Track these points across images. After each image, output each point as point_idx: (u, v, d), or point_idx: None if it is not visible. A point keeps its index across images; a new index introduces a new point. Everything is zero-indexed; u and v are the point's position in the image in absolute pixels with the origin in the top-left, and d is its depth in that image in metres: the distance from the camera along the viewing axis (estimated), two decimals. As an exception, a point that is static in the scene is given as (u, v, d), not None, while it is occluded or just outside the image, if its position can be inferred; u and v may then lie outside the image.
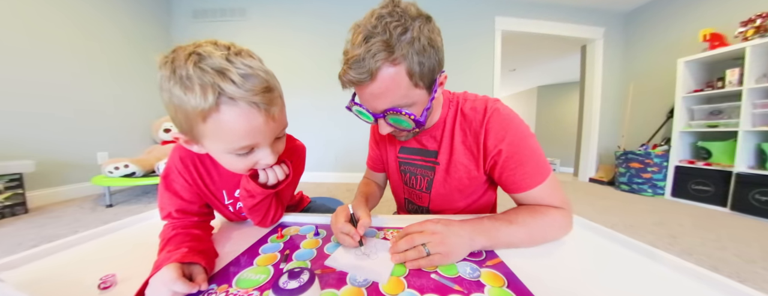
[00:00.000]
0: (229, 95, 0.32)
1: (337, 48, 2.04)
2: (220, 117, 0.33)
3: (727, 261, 1.13)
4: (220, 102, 0.32)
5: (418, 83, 0.42)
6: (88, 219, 1.53)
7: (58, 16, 1.90)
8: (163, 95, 0.34)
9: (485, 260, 0.39)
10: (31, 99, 1.77)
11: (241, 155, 0.39)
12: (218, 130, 0.34)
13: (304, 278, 0.29)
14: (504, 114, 0.51)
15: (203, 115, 0.32)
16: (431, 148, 0.59)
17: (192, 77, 0.31)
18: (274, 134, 0.40)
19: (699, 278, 0.34)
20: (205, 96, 0.31)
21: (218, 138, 0.36)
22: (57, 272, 0.37)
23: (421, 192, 0.63)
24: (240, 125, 0.34)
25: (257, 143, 0.38)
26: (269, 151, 0.40)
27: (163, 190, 0.48)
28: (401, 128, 0.49)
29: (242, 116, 0.34)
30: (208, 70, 0.31)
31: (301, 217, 0.59)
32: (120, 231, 0.53)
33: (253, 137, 0.37)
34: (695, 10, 2.41)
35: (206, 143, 0.37)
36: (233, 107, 0.33)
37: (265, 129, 0.37)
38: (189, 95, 0.31)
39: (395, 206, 0.80)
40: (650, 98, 2.76)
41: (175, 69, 0.32)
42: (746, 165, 1.84)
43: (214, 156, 0.41)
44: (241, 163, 0.40)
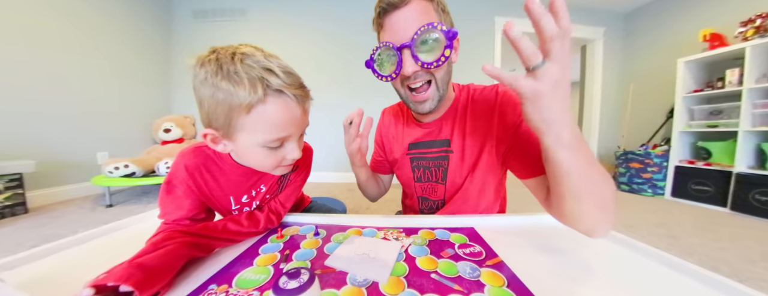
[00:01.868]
0: (275, 87, 0.36)
1: (337, 48, 2.08)
2: (266, 108, 0.37)
3: (727, 261, 1.13)
4: (267, 93, 0.36)
5: (443, 22, 0.46)
6: (88, 219, 1.53)
7: (58, 17, 1.90)
8: (203, 91, 0.37)
9: (485, 259, 0.39)
10: (31, 99, 1.77)
11: (273, 149, 0.41)
12: (260, 121, 0.37)
13: (303, 278, 0.29)
14: (515, 97, 0.51)
15: (249, 106, 0.35)
16: (443, 137, 0.59)
17: (240, 72, 0.35)
18: (302, 128, 0.43)
19: (699, 278, 0.34)
20: (254, 89, 0.35)
21: (258, 129, 0.38)
22: (57, 272, 0.37)
23: (436, 184, 0.62)
24: (282, 114, 0.38)
25: (290, 136, 0.41)
26: (296, 145, 0.43)
27: (165, 195, 0.47)
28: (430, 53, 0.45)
29: (285, 106, 0.38)
30: (254, 66, 0.36)
31: (301, 217, 0.59)
32: (120, 231, 0.53)
33: (289, 127, 0.40)
34: (695, 10, 2.42)
35: (241, 137, 0.39)
36: (278, 98, 0.37)
37: (300, 121, 0.41)
38: (238, 88, 0.35)
39: (396, 207, 0.80)
40: (650, 98, 2.76)
41: (221, 65, 0.35)
42: (746, 165, 1.84)
43: (242, 152, 0.43)
44: (271, 158, 0.42)
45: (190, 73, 0.39)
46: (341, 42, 2.79)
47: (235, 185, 0.51)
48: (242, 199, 0.53)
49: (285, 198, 0.56)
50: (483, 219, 0.54)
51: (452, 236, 0.47)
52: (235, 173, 0.50)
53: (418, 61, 0.46)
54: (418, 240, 0.45)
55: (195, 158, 0.48)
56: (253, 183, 0.53)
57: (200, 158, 0.48)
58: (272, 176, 0.53)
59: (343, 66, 2.80)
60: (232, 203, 0.52)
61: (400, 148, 0.66)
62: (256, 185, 0.53)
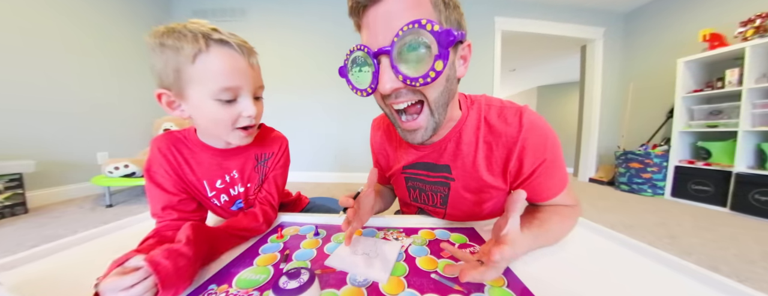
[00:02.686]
0: (216, 38, 0.40)
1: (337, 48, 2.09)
2: (208, 56, 0.39)
3: (727, 261, 1.13)
4: (209, 44, 0.39)
5: (440, 20, 0.35)
6: (88, 219, 1.53)
7: (58, 17, 1.90)
8: (154, 56, 0.40)
9: (485, 260, 0.38)
10: (31, 99, 1.77)
11: (225, 102, 0.42)
12: (206, 69, 0.39)
13: (303, 278, 0.29)
14: (540, 128, 0.44)
15: (193, 56, 0.38)
16: (443, 162, 0.50)
17: (184, 30, 0.39)
18: (253, 84, 0.45)
19: (699, 278, 0.34)
20: (196, 40, 0.38)
21: (205, 78, 0.40)
22: (57, 272, 0.37)
23: (434, 208, 0.56)
24: (226, 62, 0.40)
25: (240, 88, 0.42)
26: (251, 101, 0.44)
27: (148, 184, 0.48)
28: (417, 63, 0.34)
29: (228, 55, 0.41)
30: (199, 27, 0.40)
31: (300, 217, 0.59)
32: (120, 231, 0.53)
33: (237, 77, 0.42)
34: (695, 10, 2.42)
35: (191, 92, 0.41)
36: (221, 47, 0.40)
37: (248, 73, 0.43)
38: (182, 41, 0.38)
39: (396, 207, 0.79)
40: (650, 98, 2.76)
41: (170, 28, 0.39)
42: (746, 165, 1.84)
43: (197, 112, 0.44)
44: (224, 112, 0.43)
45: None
46: (341, 42, 2.79)
47: (206, 168, 0.52)
48: (216, 184, 0.53)
49: (274, 189, 0.56)
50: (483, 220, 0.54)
51: (452, 236, 0.47)
52: (204, 154, 0.51)
53: (399, 75, 0.35)
54: (418, 240, 0.45)
55: (166, 140, 0.50)
56: (225, 167, 0.53)
57: (170, 140, 0.51)
58: (242, 158, 0.54)
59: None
60: (207, 188, 0.52)
61: (395, 165, 0.58)
62: (228, 169, 0.53)
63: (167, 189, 0.48)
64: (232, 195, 0.55)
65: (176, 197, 0.48)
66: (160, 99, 0.43)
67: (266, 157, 0.57)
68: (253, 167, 0.55)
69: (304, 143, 2.86)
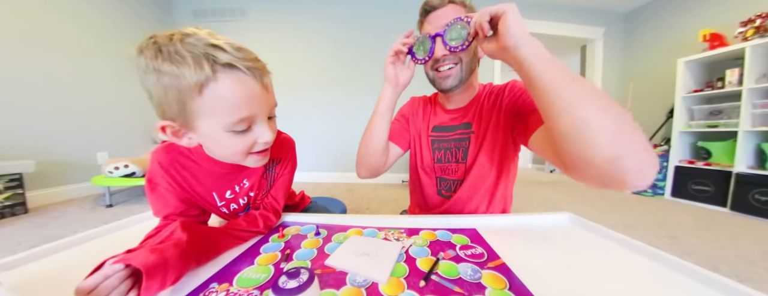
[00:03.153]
0: (224, 61, 0.32)
1: (337, 48, 2.07)
2: (218, 86, 0.33)
3: (727, 261, 1.13)
4: (216, 70, 0.32)
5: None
6: (88, 219, 1.53)
7: (58, 17, 1.90)
8: (148, 81, 0.33)
9: (487, 261, 0.38)
10: (31, 99, 1.77)
11: (239, 133, 0.38)
12: (216, 101, 0.34)
13: (303, 278, 0.29)
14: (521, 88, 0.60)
15: (199, 86, 0.32)
16: (466, 121, 0.67)
17: (181, 52, 0.31)
18: (268, 107, 0.40)
19: (699, 278, 0.34)
20: (200, 66, 0.31)
21: (216, 111, 0.35)
22: (57, 272, 0.37)
23: (456, 164, 0.67)
24: (238, 91, 0.34)
25: (255, 116, 0.38)
26: (266, 127, 0.40)
27: (150, 195, 0.46)
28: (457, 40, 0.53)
29: (240, 82, 0.34)
30: (197, 43, 0.32)
31: (301, 217, 0.59)
32: (120, 231, 0.53)
33: (251, 106, 0.37)
34: (695, 10, 2.42)
35: (200, 124, 0.36)
36: (230, 73, 0.33)
37: (262, 99, 0.38)
38: (182, 67, 0.31)
39: (397, 207, 0.80)
40: (650, 98, 2.76)
41: (160, 48, 0.32)
42: (746, 165, 1.84)
43: (208, 142, 0.40)
44: (240, 143, 0.39)
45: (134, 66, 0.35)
46: (341, 42, 2.79)
47: (214, 180, 0.49)
48: (226, 195, 0.51)
49: (276, 192, 0.55)
50: (485, 220, 0.55)
51: (454, 237, 0.47)
52: (213, 167, 0.48)
53: (446, 46, 0.54)
54: (419, 240, 0.45)
55: (167, 155, 0.46)
56: (235, 178, 0.51)
57: (172, 154, 0.46)
58: (255, 169, 0.51)
59: (343, 66, 2.80)
60: (217, 199, 0.51)
61: (424, 127, 0.73)
62: (238, 180, 0.51)
63: (170, 201, 0.46)
64: (241, 205, 0.55)
65: (179, 208, 0.47)
66: (165, 131, 0.38)
67: (275, 163, 0.56)
68: (262, 175, 0.54)
69: (305, 143, 2.86)
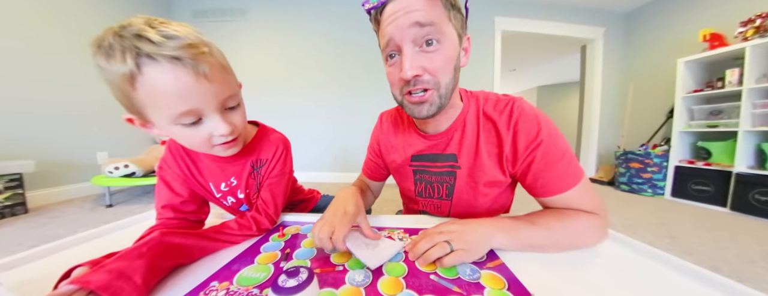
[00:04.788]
0: (146, 53, 0.31)
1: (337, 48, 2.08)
2: (145, 79, 0.32)
3: (727, 261, 1.13)
4: (140, 63, 0.31)
5: (451, 18, 0.41)
6: (88, 219, 1.53)
7: (57, 17, 1.90)
8: (101, 77, 0.34)
9: (486, 261, 0.38)
10: (31, 99, 1.77)
11: (189, 126, 0.37)
12: (149, 95, 0.33)
13: (302, 277, 0.29)
14: (532, 114, 0.46)
15: (130, 81, 0.32)
16: (449, 151, 0.53)
17: (113, 45, 0.31)
18: (216, 99, 0.37)
19: (699, 278, 0.34)
20: (124, 59, 0.31)
21: (154, 105, 0.34)
22: (57, 272, 0.37)
23: (439, 200, 0.57)
24: (167, 84, 0.33)
25: (199, 110, 0.36)
26: (220, 119, 0.38)
27: (157, 181, 0.50)
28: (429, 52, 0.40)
29: (166, 74, 0.32)
30: (127, 35, 0.32)
31: (301, 217, 0.59)
32: (120, 231, 0.53)
33: (188, 99, 0.35)
34: (695, 10, 2.41)
35: (152, 117, 0.36)
36: (155, 65, 0.32)
37: (200, 90, 0.35)
38: (111, 62, 0.31)
39: (396, 207, 0.79)
40: (650, 98, 2.76)
41: (99, 43, 0.32)
42: (746, 165, 1.84)
43: (167, 133, 0.39)
44: (195, 136, 0.39)
45: None
46: (341, 42, 2.79)
47: (210, 171, 0.52)
48: (221, 187, 0.54)
49: (269, 198, 0.52)
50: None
51: (452, 236, 0.47)
52: (206, 158, 0.51)
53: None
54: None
55: (177, 142, 0.50)
56: (223, 173, 0.53)
57: None
58: (238, 166, 0.53)
59: (343, 66, 2.80)
60: (214, 190, 0.54)
61: (402, 157, 0.60)
62: (227, 176, 0.54)
63: (174, 188, 0.50)
64: (238, 198, 0.56)
65: (179, 198, 0.50)
66: (134, 123, 0.39)
67: (261, 164, 0.54)
68: (250, 174, 0.54)
69: (305, 143, 2.86)
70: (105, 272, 0.29)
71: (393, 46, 0.42)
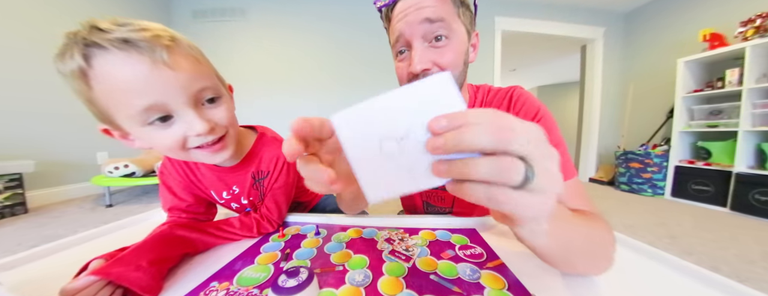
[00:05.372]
0: (93, 41, 0.28)
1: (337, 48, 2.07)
2: (96, 74, 0.28)
3: (727, 261, 1.13)
4: (89, 54, 0.28)
5: (460, 15, 0.41)
6: (88, 219, 1.53)
7: (57, 16, 1.90)
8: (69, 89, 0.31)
9: (486, 261, 0.38)
10: (31, 99, 1.77)
11: (159, 125, 0.32)
12: (106, 93, 0.30)
13: (302, 277, 0.29)
14: (531, 98, 0.47)
15: (83, 78, 0.29)
16: None
17: (66, 43, 0.29)
18: (186, 91, 0.32)
19: (699, 278, 0.34)
20: (72, 55, 0.28)
21: (115, 105, 0.30)
22: (57, 272, 0.37)
23: (443, 191, 0.57)
24: (120, 74, 0.28)
25: (163, 104, 0.31)
26: (194, 114, 0.33)
27: (160, 184, 0.50)
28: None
29: (117, 63, 0.28)
30: (80, 31, 0.29)
31: (301, 217, 0.59)
32: (120, 231, 0.53)
33: (147, 91, 0.30)
34: (695, 10, 2.41)
35: (120, 121, 0.32)
36: (105, 55, 0.28)
37: (161, 79, 0.30)
38: (64, 61, 0.29)
39: (396, 207, 0.79)
40: (650, 98, 2.76)
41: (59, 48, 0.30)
42: (746, 165, 1.84)
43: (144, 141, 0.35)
44: (167, 138, 0.33)
45: None
46: (342, 42, 2.79)
47: (210, 181, 0.51)
48: (223, 195, 0.53)
49: (273, 206, 0.52)
50: (485, 220, 0.54)
51: (453, 237, 0.47)
52: (205, 168, 0.50)
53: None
54: (419, 240, 0.45)
55: None
56: (225, 183, 0.52)
57: None
58: (239, 176, 0.52)
59: (343, 66, 2.80)
60: (216, 196, 0.54)
61: None
62: (228, 186, 0.52)
63: (177, 194, 0.50)
64: (242, 204, 0.56)
65: (184, 202, 0.51)
66: (112, 135, 0.35)
67: (262, 176, 0.53)
68: (251, 185, 0.54)
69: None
70: (122, 263, 0.31)
71: (403, 42, 0.42)
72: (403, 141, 0.18)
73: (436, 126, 0.17)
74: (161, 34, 0.31)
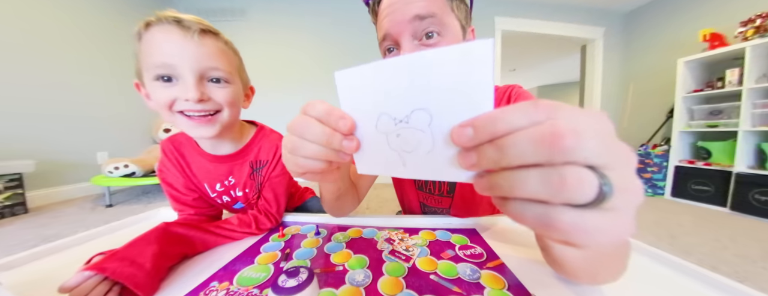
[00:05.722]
0: (157, 17, 0.39)
1: (337, 48, 2.08)
2: (147, 34, 0.39)
3: (727, 261, 1.13)
4: (151, 23, 0.39)
5: (454, 8, 0.37)
6: (88, 219, 1.53)
7: (58, 16, 1.90)
8: None
9: (486, 261, 0.38)
10: (31, 99, 1.77)
11: (164, 83, 0.40)
12: (145, 47, 0.40)
13: (302, 277, 0.29)
14: (529, 94, 0.46)
15: (139, 35, 0.40)
16: None
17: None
18: (197, 62, 0.40)
19: (699, 278, 0.34)
20: (142, 22, 0.40)
21: (145, 58, 0.40)
22: (57, 272, 0.37)
23: (440, 196, 0.56)
24: (161, 38, 0.39)
25: (172, 65, 0.39)
26: (192, 83, 0.40)
27: (162, 184, 0.52)
28: None
29: (161, 31, 0.39)
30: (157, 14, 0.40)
31: (301, 217, 0.59)
32: (120, 231, 0.53)
33: (167, 52, 0.39)
34: (695, 10, 2.41)
35: (144, 75, 0.41)
36: (158, 25, 0.39)
37: (182, 46, 0.39)
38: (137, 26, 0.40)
39: (396, 207, 0.79)
40: (650, 98, 2.76)
41: None
42: (746, 165, 1.84)
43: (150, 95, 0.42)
44: (164, 94, 0.40)
45: None
46: (342, 42, 2.79)
47: (204, 172, 0.53)
48: (216, 187, 0.55)
49: (271, 197, 0.53)
50: (485, 220, 0.54)
51: (453, 237, 0.47)
52: (201, 158, 0.53)
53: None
54: (419, 240, 0.45)
55: (170, 143, 0.53)
56: (220, 173, 0.54)
57: (174, 143, 0.53)
58: (236, 165, 0.54)
59: (343, 66, 2.79)
60: (209, 190, 0.55)
61: None
62: (224, 175, 0.54)
63: (178, 189, 0.51)
64: (233, 196, 0.57)
65: (188, 196, 0.52)
66: (139, 89, 0.45)
67: (261, 165, 0.55)
68: (249, 175, 0.55)
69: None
70: (117, 259, 0.32)
71: (390, 41, 0.38)
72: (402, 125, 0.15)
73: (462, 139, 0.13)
74: (204, 22, 0.42)
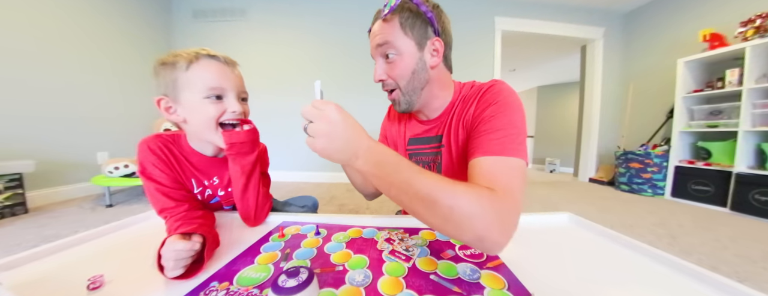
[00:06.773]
0: (204, 54, 0.51)
1: (337, 48, 2.08)
2: (198, 65, 0.50)
3: (727, 261, 1.13)
4: (200, 57, 0.50)
5: (407, 33, 0.50)
6: (88, 219, 1.53)
7: (58, 17, 1.90)
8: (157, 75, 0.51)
9: (486, 261, 0.39)
10: (32, 99, 1.76)
11: (214, 100, 0.51)
12: (197, 74, 0.49)
13: (302, 277, 0.29)
14: (499, 88, 0.50)
15: (188, 65, 0.49)
16: (436, 134, 0.61)
17: (179, 53, 0.50)
18: (237, 87, 0.53)
19: (699, 278, 0.34)
20: (188, 55, 0.50)
21: (196, 80, 0.49)
22: (57, 272, 0.37)
23: None
24: (212, 68, 0.51)
25: (225, 88, 0.51)
26: (235, 100, 0.53)
27: (145, 183, 0.51)
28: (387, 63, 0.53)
29: (213, 64, 0.51)
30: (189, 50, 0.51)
31: (302, 217, 0.59)
32: (120, 231, 0.53)
33: (222, 80, 0.51)
34: (695, 10, 2.42)
35: (186, 95, 0.50)
36: (207, 59, 0.51)
37: (231, 77, 0.53)
38: (178, 59, 0.49)
39: (396, 207, 0.79)
40: (650, 98, 2.76)
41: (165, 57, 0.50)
42: (746, 165, 1.84)
43: (188, 112, 0.51)
44: (213, 109, 0.51)
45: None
46: (342, 42, 2.79)
47: (193, 169, 0.57)
48: (203, 182, 0.59)
49: None
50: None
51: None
52: (192, 157, 0.57)
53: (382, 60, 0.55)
54: (419, 240, 0.45)
55: (156, 140, 0.55)
56: (208, 172, 0.59)
57: (160, 141, 0.55)
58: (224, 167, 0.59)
59: (343, 66, 2.80)
60: (194, 185, 0.58)
61: (401, 140, 0.69)
62: (210, 175, 0.60)
63: (166, 184, 0.51)
64: (214, 192, 0.61)
65: (179, 192, 0.53)
66: (160, 104, 0.51)
67: None
68: None
69: (302, 143, 2.86)
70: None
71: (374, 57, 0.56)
72: None
73: None
74: (237, 66, 0.56)
